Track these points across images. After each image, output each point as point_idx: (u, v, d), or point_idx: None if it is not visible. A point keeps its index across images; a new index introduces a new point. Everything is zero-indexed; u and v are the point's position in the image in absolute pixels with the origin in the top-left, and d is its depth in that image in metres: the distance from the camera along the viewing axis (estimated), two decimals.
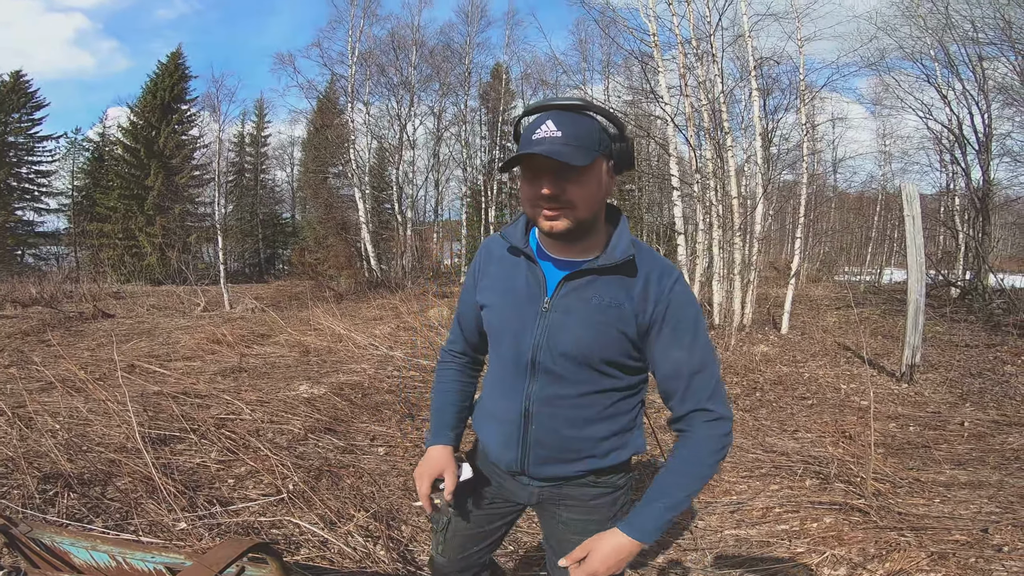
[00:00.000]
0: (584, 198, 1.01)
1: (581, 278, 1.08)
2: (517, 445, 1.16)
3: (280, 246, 28.32)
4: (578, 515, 1.21)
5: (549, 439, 1.13)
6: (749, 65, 9.08)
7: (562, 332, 1.07)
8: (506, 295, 1.15)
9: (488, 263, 1.21)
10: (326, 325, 7.38)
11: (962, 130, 11.36)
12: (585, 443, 1.13)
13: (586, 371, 1.09)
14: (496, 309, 1.17)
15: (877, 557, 2.08)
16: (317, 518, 2.47)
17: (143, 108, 22.65)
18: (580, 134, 0.98)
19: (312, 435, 3.61)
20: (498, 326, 1.17)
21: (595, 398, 1.11)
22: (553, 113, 1.00)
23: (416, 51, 17.75)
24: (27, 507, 2.40)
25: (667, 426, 1.17)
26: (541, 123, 0.99)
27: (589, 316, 1.06)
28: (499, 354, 1.19)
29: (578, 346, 1.07)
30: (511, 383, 1.15)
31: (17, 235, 22.79)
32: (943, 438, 3.58)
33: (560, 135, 0.97)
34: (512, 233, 1.16)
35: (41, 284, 12.81)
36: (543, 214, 1.02)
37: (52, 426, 3.34)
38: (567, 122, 0.99)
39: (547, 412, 1.12)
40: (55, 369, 4.68)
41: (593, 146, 1.00)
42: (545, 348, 1.09)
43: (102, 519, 2.39)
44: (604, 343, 1.07)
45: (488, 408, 1.25)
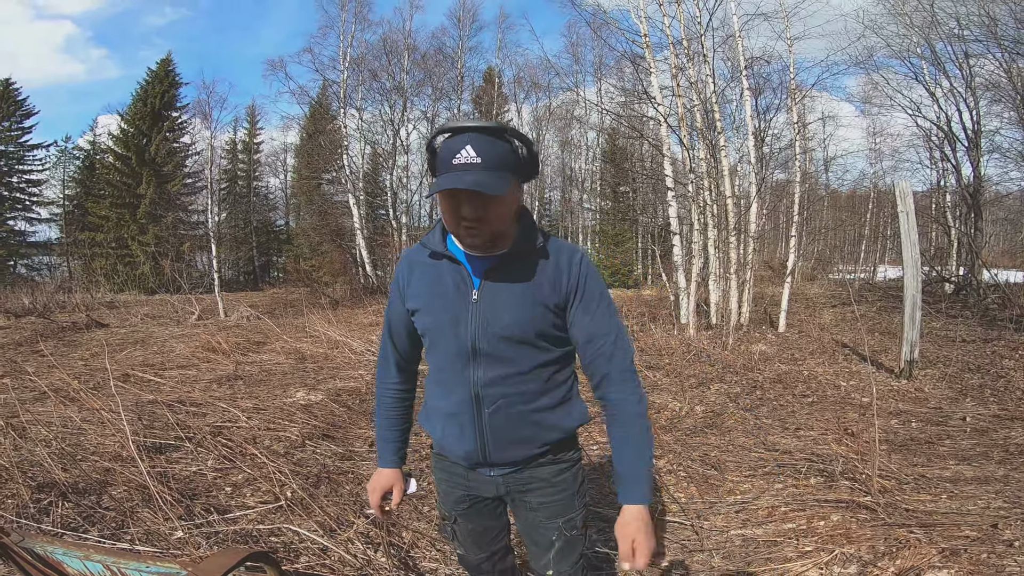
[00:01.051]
0: (501, 216, 1.12)
1: (500, 268, 1.19)
2: (474, 433, 1.23)
3: (274, 253, 28.19)
4: (547, 496, 1.30)
5: (504, 420, 1.22)
6: (740, 65, 9.13)
7: (495, 316, 1.17)
8: (435, 296, 1.23)
9: (411, 273, 1.28)
10: (322, 332, 7.33)
11: (951, 127, 11.47)
12: (537, 415, 1.23)
13: (523, 348, 1.19)
14: (428, 310, 1.24)
15: (887, 554, 2.05)
16: (317, 525, 2.42)
17: (134, 116, 22.48)
18: (498, 159, 1.07)
19: (310, 442, 3.57)
20: (433, 324, 1.24)
21: (536, 372, 1.21)
22: (471, 137, 1.07)
23: (408, 56, 17.73)
24: (21, 516, 2.36)
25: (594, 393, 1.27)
26: (460, 148, 1.06)
27: (515, 297, 1.17)
28: (438, 352, 1.26)
29: (512, 325, 1.17)
30: (457, 375, 1.22)
31: (9, 245, 22.58)
32: (946, 433, 3.56)
33: (480, 161, 1.05)
34: (431, 240, 1.25)
35: (34, 294, 12.77)
36: (462, 233, 1.14)
37: (46, 436, 3.29)
38: (485, 147, 1.06)
39: (497, 392, 1.20)
40: (48, 379, 4.61)
41: (509, 169, 1.09)
42: (482, 334, 1.18)
43: (98, 528, 2.35)
44: (532, 318, 1.17)
45: (437, 406, 1.31)
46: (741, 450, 3.45)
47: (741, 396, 4.70)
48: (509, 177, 1.09)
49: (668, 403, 4.52)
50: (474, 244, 1.16)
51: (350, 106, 17.19)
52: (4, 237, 22.29)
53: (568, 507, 1.33)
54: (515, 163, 1.12)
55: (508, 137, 1.11)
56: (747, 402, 4.54)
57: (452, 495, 1.39)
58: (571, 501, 1.32)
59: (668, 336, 7.41)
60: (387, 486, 1.39)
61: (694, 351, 6.38)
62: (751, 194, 9.13)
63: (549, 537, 1.34)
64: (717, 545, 2.36)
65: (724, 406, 4.41)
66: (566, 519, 1.33)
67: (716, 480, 3.03)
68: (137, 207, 21.96)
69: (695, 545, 2.39)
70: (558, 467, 1.30)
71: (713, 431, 3.86)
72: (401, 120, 17.73)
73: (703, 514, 2.66)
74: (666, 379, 5.28)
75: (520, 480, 1.30)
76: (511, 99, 24.37)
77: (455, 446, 1.28)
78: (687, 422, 4.08)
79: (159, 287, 17.49)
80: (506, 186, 1.07)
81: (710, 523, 2.57)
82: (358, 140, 17.75)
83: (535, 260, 1.20)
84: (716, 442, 3.62)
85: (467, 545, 1.49)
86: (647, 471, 1.20)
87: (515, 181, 1.13)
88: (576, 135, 24.82)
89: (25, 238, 23.58)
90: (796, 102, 9.62)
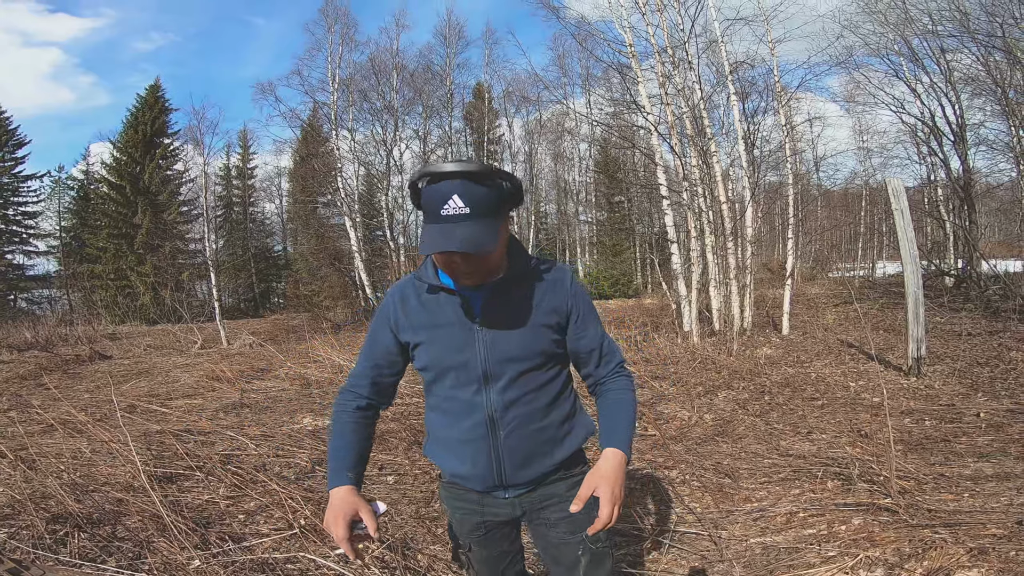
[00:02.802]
0: (495, 260, 1.16)
1: (498, 294, 1.22)
2: (489, 458, 1.25)
3: (274, 279, 28.19)
4: (562, 511, 1.28)
5: (518, 440, 1.24)
6: (725, 70, 9.25)
7: (500, 340, 1.21)
8: (438, 328, 1.23)
9: (405, 305, 1.27)
10: (325, 356, 7.32)
11: (935, 122, 11.57)
12: (549, 431, 1.27)
13: (530, 368, 1.23)
14: (432, 342, 1.24)
15: (914, 556, 2.02)
16: (331, 551, 2.40)
17: (126, 143, 22.44)
18: (486, 206, 1.07)
19: (319, 467, 3.54)
20: (439, 355, 1.24)
21: (544, 389, 1.26)
22: (457, 184, 1.05)
23: (397, 75, 17.88)
24: (38, 547, 2.33)
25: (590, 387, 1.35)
26: (447, 197, 1.05)
27: (517, 320, 1.22)
28: (445, 383, 1.26)
29: (518, 348, 1.21)
30: (468, 403, 1.24)
31: (8, 280, 22.57)
32: (961, 431, 3.54)
33: (468, 211, 1.04)
34: (425, 274, 1.25)
35: (35, 328, 12.78)
36: (461, 277, 1.17)
37: (56, 467, 3.28)
38: (472, 194, 1.05)
39: (511, 414, 1.23)
40: (55, 412, 4.62)
41: (496, 212, 1.10)
42: (491, 359, 1.21)
43: (115, 559, 2.32)
44: (536, 339, 1.22)
45: (447, 436, 1.30)
46: (754, 457, 3.42)
47: (750, 402, 4.68)
48: (498, 223, 1.10)
49: (677, 412, 4.49)
50: (468, 283, 1.19)
51: (342, 127, 17.32)
52: (3, 272, 22.27)
53: (588, 519, 1.27)
54: (502, 201, 1.12)
55: (496, 178, 1.10)
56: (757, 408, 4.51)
57: (467, 523, 1.37)
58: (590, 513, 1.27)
59: (672, 344, 7.40)
60: (350, 511, 1.16)
61: (699, 359, 6.37)
62: (745, 198, 9.19)
63: (575, 553, 1.32)
64: (737, 555, 2.33)
65: (733, 413, 4.38)
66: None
67: (731, 488, 3.00)
68: (134, 237, 21.97)
69: (715, 556, 2.36)
70: (570, 481, 1.32)
71: (724, 439, 3.83)
72: (393, 140, 17.84)
73: (720, 523, 2.63)
74: (673, 388, 5.26)
75: (535, 499, 1.32)
76: (501, 113, 24.60)
77: (470, 472, 1.28)
78: (697, 431, 4.06)
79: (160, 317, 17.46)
80: (496, 235, 1.08)
81: (728, 532, 2.54)
82: (351, 162, 17.88)
83: (531, 283, 1.24)
84: (728, 450, 3.59)
85: (482, 573, 1.46)
86: (630, 428, 1.25)
87: (504, 220, 1.15)
88: (568, 147, 25.05)
89: (24, 272, 23.59)
90: (783, 104, 9.73)
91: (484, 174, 1.07)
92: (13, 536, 2.40)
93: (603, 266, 23.11)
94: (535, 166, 24.86)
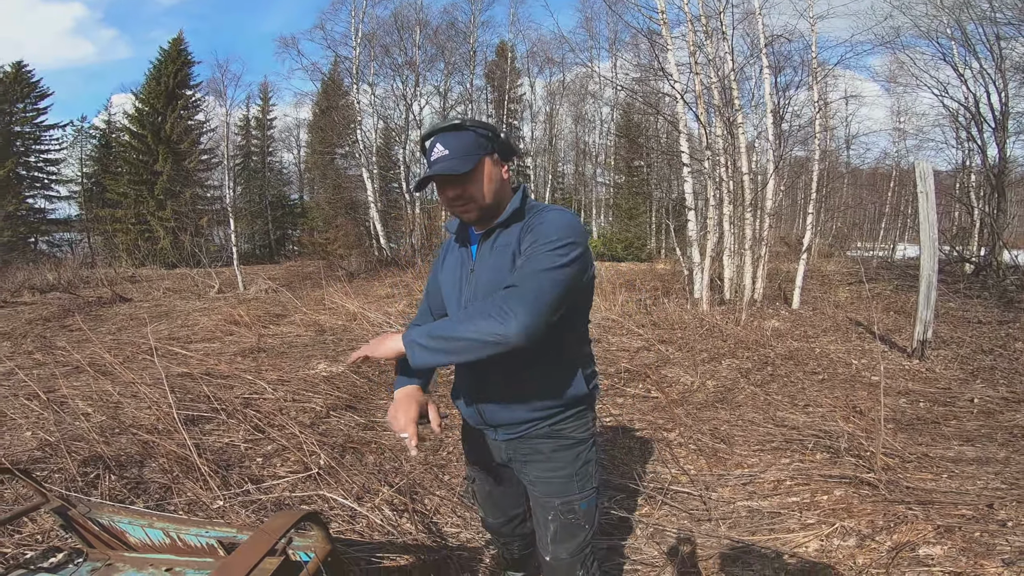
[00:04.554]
0: (479, 191, 1.28)
1: (488, 238, 1.34)
2: (471, 391, 1.40)
3: (289, 227, 28.45)
4: (542, 471, 1.37)
5: (491, 378, 1.35)
6: (760, 43, 8.93)
7: (481, 282, 1.32)
8: (449, 271, 1.44)
9: (445, 254, 1.51)
10: (339, 304, 7.47)
11: (979, 108, 11.26)
12: (523, 374, 1.32)
13: None
14: (444, 283, 1.46)
15: (885, 529, 2.14)
16: (345, 493, 2.57)
17: (148, 95, 22.65)
18: (462, 147, 1.26)
19: (334, 412, 3.68)
20: (446, 293, 1.45)
21: None
22: (440, 136, 1.28)
23: (420, 31, 17.52)
24: (70, 490, 2.44)
25: None
26: (433, 146, 1.27)
27: (496, 262, 1.30)
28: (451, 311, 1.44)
29: (491, 288, 1.26)
30: None
31: (29, 223, 23.04)
32: (952, 414, 3.61)
33: (447, 152, 1.25)
34: (451, 225, 1.47)
35: (58, 270, 12.99)
36: (458, 210, 1.32)
37: (85, 410, 3.42)
38: (451, 140, 1.26)
39: None
40: (81, 353, 4.78)
41: (474, 152, 1.26)
42: (472, 297, 1.34)
43: (143, 500, 2.47)
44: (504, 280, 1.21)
45: (455, 372, 1.51)
46: (750, 425, 3.54)
47: (752, 372, 4.77)
48: (476, 159, 1.26)
49: (680, 377, 4.60)
50: (469, 219, 1.33)
51: (362, 82, 17.09)
52: (24, 215, 22.74)
53: (565, 488, 1.35)
54: (481, 147, 1.28)
55: (469, 128, 1.29)
56: (758, 378, 4.61)
57: (471, 455, 1.56)
58: (569, 483, 1.35)
59: (681, 310, 7.45)
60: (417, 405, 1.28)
61: (707, 326, 6.43)
62: (768, 171, 9.03)
63: (546, 516, 1.38)
64: (724, 515, 2.47)
65: (735, 381, 4.48)
66: (563, 500, 1.35)
67: (725, 453, 3.13)
68: (154, 184, 22.25)
69: (703, 515, 2.50)
70: (557, 442, 1.35)
71: (724, 405, 3.94)
72: (413, 95, 17.63)
73: (711, 486, 2.77)
74: (678, 353, 5.35)
75: (522, 451, 1.39)
76: (524, 73, 24.00)
77: (461, 404, 1.45)
78: (698, 396, 4.17)
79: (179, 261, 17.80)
80: (470, 165, 1.25)
81: (718, 494, 2.68)
82: (371, 115, 17.71)
83: (518, 227, 1.31)
84: (726, 416, 3.70)
85: (487, 508, 1.62)
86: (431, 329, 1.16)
87: (487, 160, 1.29)
88: (590, 109, 24.45)
89: (45, 215, 24.02)
90: (818, 80, 9.41)
91: (459, 126, 1.29)
92: (46, 479, 2.53)
93: (617, 228, 22.96)
94: (555, 126, 24.41)
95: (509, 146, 1.34)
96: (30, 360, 5.22)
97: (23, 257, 17.58)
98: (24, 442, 3.08)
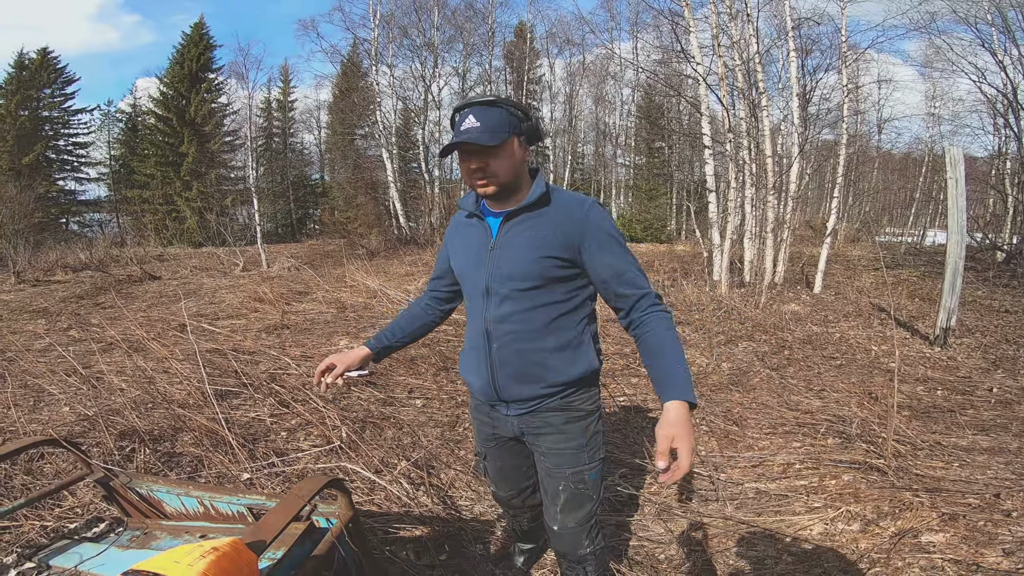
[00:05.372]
0: (502, 168, 1.31)
1: (513, 218, 1.37)
2: (486, 367, 1.41)
3: (311, 206, 28.78)
4: (553, 442, 1.43)
5: (508, 355, 1.38)
6: (787, 25, 8.67)
7: (504, 260, 1.35)
8: (466, 247, 1.45)
9: (455, 231, 1.52)
10: (360, 282, 7.57)
11: (1016, 96, 10.94)
12: (539, 354, 1.37)
13: (528, 289, 1.34)
14: (460, 258, 1.48)
15: (890, 515, 2.16)
16: (365, 466, 2.67)
17: (172, 79, 23.04)
18: (493, 122, 1.28)
19: (354, 388, 3.77)
20: (461, 270, 1.48)
21: (539, 312, 1.35)
22: (473, 109, 1.30)
23: (438, 12, 17.36)
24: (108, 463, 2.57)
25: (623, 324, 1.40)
26: (465, 118, 1.30)
27: (522, 243, 1.34)
28: (466, 293, 1.49)
29: (516, 267, 1.34)
30: (474, 312, 1.43)
31: (61, 204, 23.73)
32: (969, 403, 3.58)
33: (479, 125, 1.27)
34: (466, 203, 1.48)
35: (90, 250, 13.37)
36: (476, 183, 1.33)
37: (120, 385, 3.55)
38: (483, 115, 1.29)
39: (503, 328, 1.37)
40: (115, 329, 4.94)
41: (504, 129, 1.29)
42: (494, 276, 1.37)
43: (176, 472, 2.59)
44: (537, 262, 1.32)
45: (467, 345, 1.51)
46: (764, 408, 3.55)
47: (768, 355, 4.76)
48: (505, 136, 1.28)
49: (696, 358, 4.60)
50: (487, 193, 1.34)
51: (381, 63, 17.06)
52: (55, 196, 23.41)
53: (576, 459, 1.42)
54: (512, 126, 1.31)
55: (502, 106, 1.32)
56: (774, 361, 4.60)
57: (482, 432, 1.59)
58: (579, 453, 1.41)
59: (699, 292, 7.38)
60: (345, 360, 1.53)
61: (725, 308, 6.40)
62: (793, 154, 8.84)
63: (556, 486, 1.44)
64: (731, 496, 2.52)
65: (751, 364, 4.48)
66: (574, 471, 1.41)
67: (736, 435, 3.16)
68: (180, 165, 22.73)
69: (711, 495, 2.56)
70: (567, 415, 1.41)
71: (738, 388, 3.95)
72: (432, 76, 17.57)
73: (721, 467, 2.81)
74: (695, 335, 5.34)
75: (533, 424, 1.43)
76: (543, 54, 23.63)
77: (473, 379, 1.47)
78: (713, 378, 4.18)
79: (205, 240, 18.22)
80: (499, 140, 1.27)
81: (727, 475, 2.72)
82: (390, 96, 17.72)
83: (546, 212, 1.35)
84: (740, 399, 3.71)
85: (497, 481, 1.67)
86: (685, 372, 1.25)
87: (515, 139, 1.32)
88: (610, 91, 24.03)
89: (76, 197, 24.70)
90: (847, 64, 9.13)
91: (493, 102, 1.32)
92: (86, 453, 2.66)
93: (637, 209, 22.72)
94: (575, 107, 24.06)
95: (537, 131, 1.37)
96: (65, 337, 5.40)
97: (55, 237, 18.16)
98: (63, 416, 3.21)
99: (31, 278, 10.16)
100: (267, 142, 28.16)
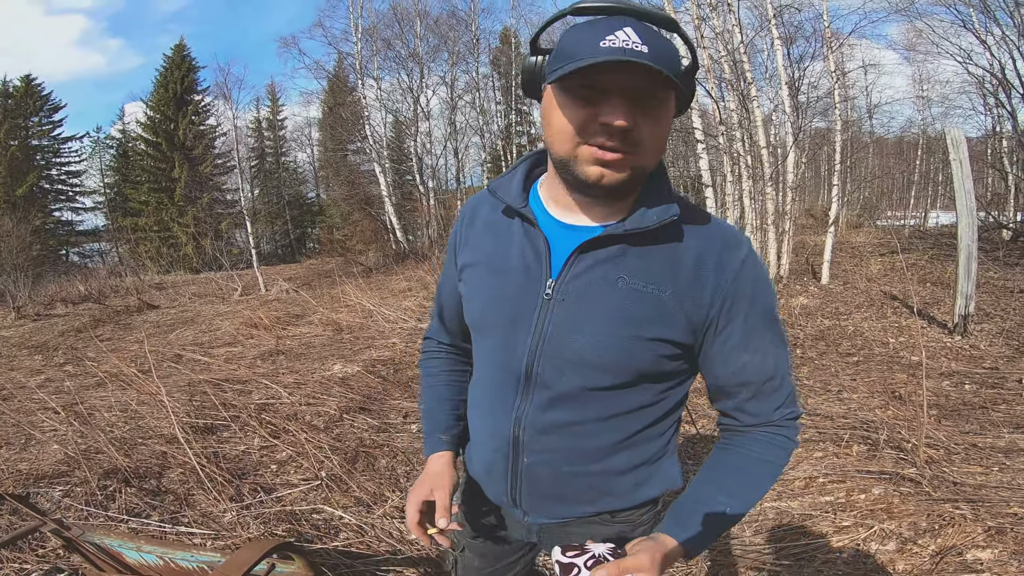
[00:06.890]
0: (656, 139, 0.70)
1: (602, 249, 0.75)
2: (505, 477, 0.88)
3: (308, 225, 28.88)
4: None
5: (547, 475, 0.85)
6: (768, 13, 8.57)
7: (573, 331, 0.76)
8: (494, 274, 0.82)
9: (471, 229, 0.89)
10: (356, 301, 7.46)
11: (1005, 74, 10.95)
12: (596, 479, 0.84)
13: (604, 386, 0.78)
14: (479, 294, 0.85)
15: (929, 532, 1.98)
16: (354, 501, 2.52)
17: (157, 102, 23.08)
18: (668, 56, 0.65)
19: (347, 415, 3.66)
20: (481, 318, 0.86)
21: (615, 423, 0.81)
22: (631, 21, 0.66)
23: (420, 22, 17.36)
24: (91, 504, 2.50)
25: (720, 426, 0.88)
26: (614, 29, 0.64)
27: (614, 307, 0.74)
28: (484, 349, 0.88)
29: (596, 352, 0.75)
30: (498, 396, 0.85)
31: (58, 236, 23.79)
32: (1001, 397, 3.36)
33: (647, 51, 0.63)
34: (506, 188, 0.82)
35: (88, 281, 13.36)
36: (597, 155, 0.68)
37: (107, 422, 3.49)
38: (652, 37, 0.65)
39: (544, 443, 0.82)
40: (107, 364, 4.88)
41: (678, 70, 0.68)
42: (547, 354, 0.78)
43: (158, 512, 2.48)
44: (633, 346, 0.75)
45: (472, 421, 0.97)
46: None
47: None
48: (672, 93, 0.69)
49: None
50: (606, 178, 0.70)
51: (367, 76, 17.02)
52: (52, 228, 23.48)
53: None
54: (678, 75, 0.68)
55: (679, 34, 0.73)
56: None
57: (473, 523, 1.01)
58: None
59: None
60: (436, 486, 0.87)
61: None
62: (788, 143, 8.69)
63: None
64: (749, 519, 2.32)
65: None
66: None
67: None
68: (173, 190, 22.79)
69: None
70: (614, 528, 0.90)
71: None
72: (420, 87, 17.53)
73: None
74: None
75: (561, 534, 0.93)
76: None
77: (484, 480, 0.94)
78: None
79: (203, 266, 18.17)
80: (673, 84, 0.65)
81: None
82: (379, 109, 17.69)
83: (663, 248, 0.75)
84: None
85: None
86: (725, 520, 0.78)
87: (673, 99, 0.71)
88: None
89: (73, 227, 24.80)
90: (832, 50, 9.02)
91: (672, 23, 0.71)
92: (68, 494, 2.55)
93: None
94: None
95: (690, 96, 0.75)
96: (61, 372, 5.35)
97: (55, 269, 18.15)
98: (51, 455, 3.12)
99: (31, 313, 10.12)
100: (259, 162, 28.26)
